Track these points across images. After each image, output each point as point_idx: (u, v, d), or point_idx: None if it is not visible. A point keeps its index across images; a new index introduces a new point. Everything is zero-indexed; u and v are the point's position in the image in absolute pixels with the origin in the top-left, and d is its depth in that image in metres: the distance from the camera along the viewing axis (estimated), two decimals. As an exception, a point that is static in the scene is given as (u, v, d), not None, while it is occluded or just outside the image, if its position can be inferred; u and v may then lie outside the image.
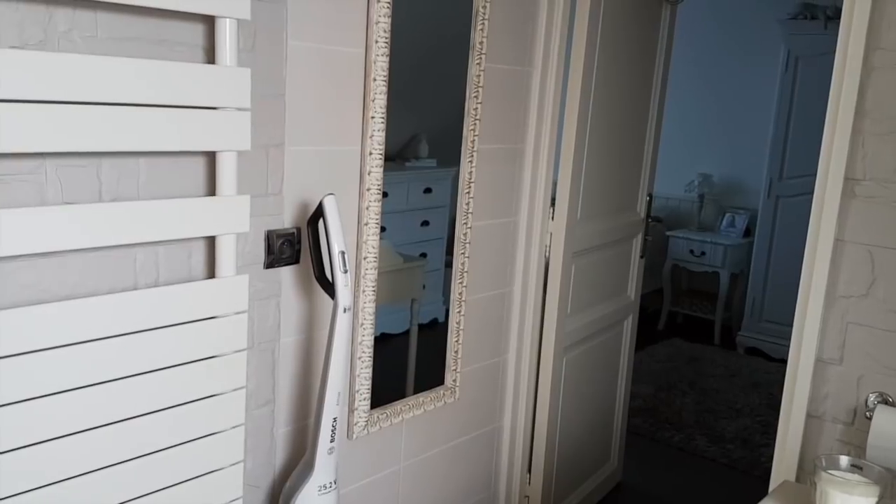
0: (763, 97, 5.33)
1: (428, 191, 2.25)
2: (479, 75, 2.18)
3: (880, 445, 1.82)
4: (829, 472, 1.54)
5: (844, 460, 1.58)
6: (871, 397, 1.93)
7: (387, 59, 1.87)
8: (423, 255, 2.28)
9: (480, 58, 2.17)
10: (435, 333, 2.31)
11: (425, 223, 2.25)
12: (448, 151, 2.22)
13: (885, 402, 1.90)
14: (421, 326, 2.28)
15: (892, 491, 1.62)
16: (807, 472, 2.03)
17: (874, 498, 1.49)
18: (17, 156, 1.31)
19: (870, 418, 1.88)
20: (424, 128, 2.17)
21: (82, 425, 1.41)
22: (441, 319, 2.31)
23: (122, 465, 1.48)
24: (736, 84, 5.61)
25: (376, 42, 1.85)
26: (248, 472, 1.79)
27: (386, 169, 1.96)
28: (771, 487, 2.05)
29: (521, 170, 2.47)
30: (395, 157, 2.05)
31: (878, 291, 1.92)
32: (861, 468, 1.56)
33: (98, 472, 1.45)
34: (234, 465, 1.67)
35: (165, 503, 1.56)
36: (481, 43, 2.16)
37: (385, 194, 1.99)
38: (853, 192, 1.93)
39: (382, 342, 2.09)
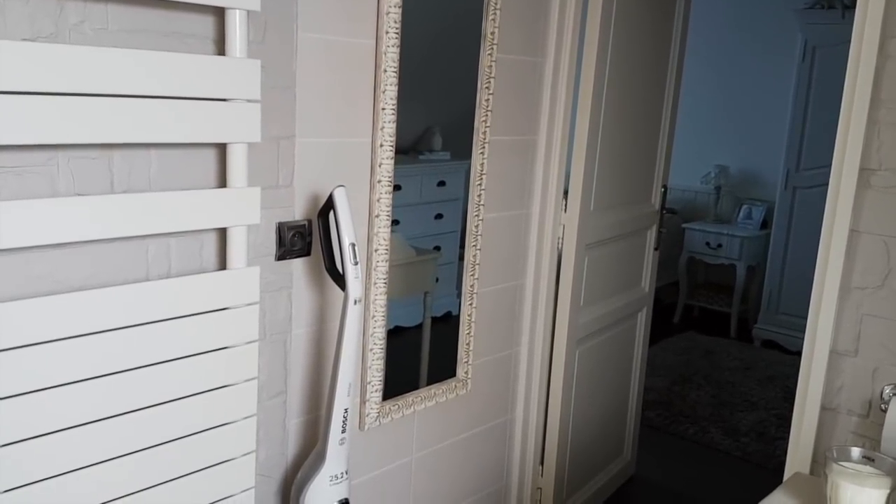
0: (780, 87, 5.28)
1: (442, 184, 2.25)
2: (490, 66, 2.17)
3: (895, 438, 1.80)
4: (841, 463, 1.52)
5: (856, 452, 1.56)
6: (887, 389, 1.91)
7: (397, 50, 1.87)
8: (437, 248, 2.28)
9: (492, 48, 2.16)
10: (448, 326, 2.31)
11: (439, 216, 2.25)
12: (462, 144, 2.22)
13: (901, 395, 1.89)
14: (435, 319, 2.28)
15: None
16: (821, 464, 2.01)
17: (886, 490, 1.48)
18: (29, 147, 1.32)
19: (885, 411, 1.86)
20: (437, 120, 2.17)
21: (94, 415, 1.42)
22: (455, 312, 2.31)
23: (135, 454, 1.49)
24: (752, 74, 5.56)
25: (387, 33, 1.85)
26: (260, 462, 1.80)
27: (399, 162, 1.96)
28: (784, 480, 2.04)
29: (534, 161, 2.46)
30: (408, 149, 2.05)
31: (894, 282, 1.90)
32: (873, 460, 1.55)
33: (110, 461, 1.46)
34: (246, 455, 1.68)
35: (178, 492, 1.57)
36: (493, 33, 2.15)
37: (398, 187, 1.99)
38: (868, 183, 1.91)
39: (396, 335, 2.10)
